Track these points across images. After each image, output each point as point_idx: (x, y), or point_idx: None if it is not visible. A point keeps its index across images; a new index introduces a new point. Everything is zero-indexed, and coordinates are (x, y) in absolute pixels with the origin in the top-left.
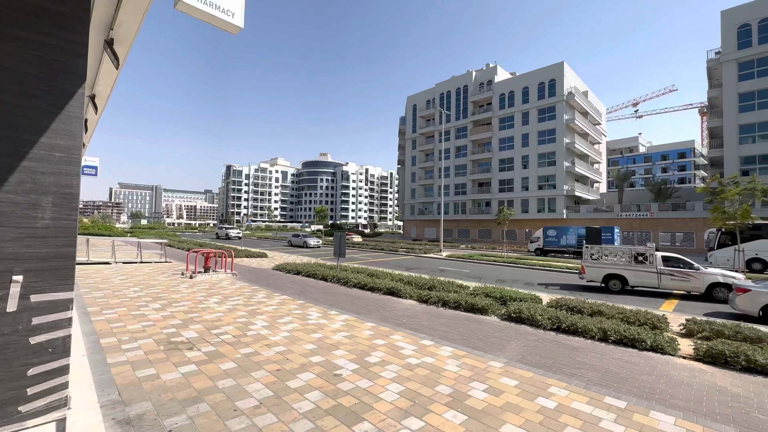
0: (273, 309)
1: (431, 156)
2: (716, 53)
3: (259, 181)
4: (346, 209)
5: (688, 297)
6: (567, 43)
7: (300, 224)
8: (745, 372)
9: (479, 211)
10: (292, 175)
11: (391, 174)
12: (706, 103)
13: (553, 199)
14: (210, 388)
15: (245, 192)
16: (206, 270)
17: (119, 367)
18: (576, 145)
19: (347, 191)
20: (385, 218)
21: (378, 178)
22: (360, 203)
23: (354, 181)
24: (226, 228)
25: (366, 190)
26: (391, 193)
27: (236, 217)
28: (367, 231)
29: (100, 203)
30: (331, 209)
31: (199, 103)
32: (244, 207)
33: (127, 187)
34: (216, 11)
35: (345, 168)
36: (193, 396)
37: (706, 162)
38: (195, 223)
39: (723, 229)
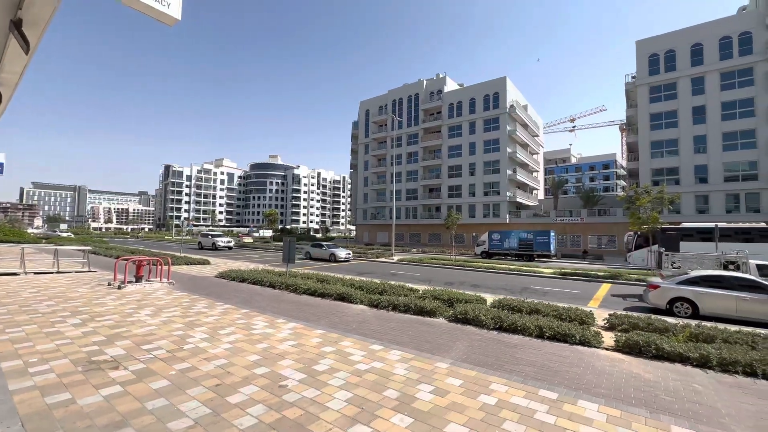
0: (214, 320)
1: (384, 161)
2: (632, 77)
3: (203, 183)
4: (297, 213)
5: (614, 291)
6: (510, 57)
7: (248, 229)
8: (655, 359)
9: (430, 215)
10: (239, 177)
11: (344, 178)
12: (625, 121)
13: (497, 205)
14: (137, 410)
15: (186, 194)
16: (138, 279)
17: (24, 393)
18: (517, 155)
19: (298, 195)
20: (338, 222)
21: (330, 182)
22: (312, 207)
23: (306, 185)
24: (212, 236)
25: (318, 194)
26: (343, 197)
27: (175, 221)
28: (318, 236)
29: (8, 205)
30: (282, 213)
31: (134, 98)
32: (185, 210)
33: (43, 187)
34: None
35: (296, 171)
36: (116, 421)
37: (625, 173)
38: (127, 228)
39: (639, 233)
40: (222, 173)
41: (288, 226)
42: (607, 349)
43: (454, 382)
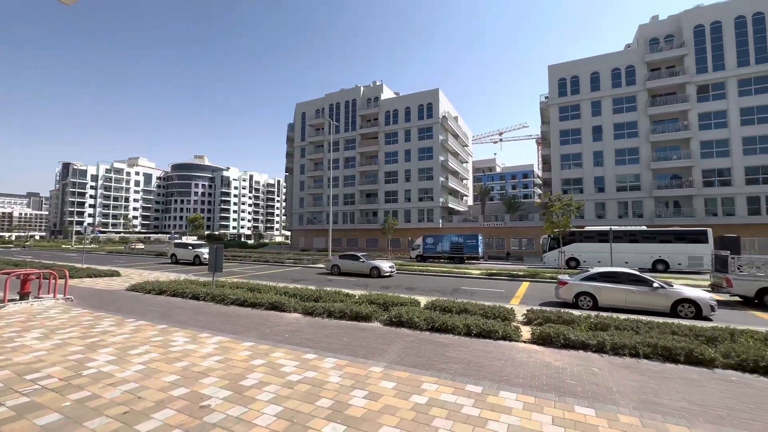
0: (124, 338)
1: (320, 165)
2: (545, 97)
3: (113, 185)
4: (227, 219)
5: (532, 289)
6: (443, 72)
7: (168, 235)
8: (564, 348)
9: (367, 220)
10: (159, 178)
11: (279, 182)
12: (540, 136)
13: (431, 210)
14: None
15: (91, 197)
16: (23, 297)
17: None
18: (449, 163)
19: (228, 199)
20: (272, 228)
21: (264, 186)
22: (243, 212)
23: (237, 188)
24: (194, 246)
25: (251, 198)
26: (278, 201)
27: (77, 228)
28: (250, 242)
29: None
30: (209, 219)
31: (28, 88)
32: (89, 215)
33: None
34: None
35: (226, 173)
36: None
37: (541, 182)
38: (10, 236)
39: (551, 236)
40: (137, 173)
41: (216, 232)
42: (525, 342)
43: (388, 385)
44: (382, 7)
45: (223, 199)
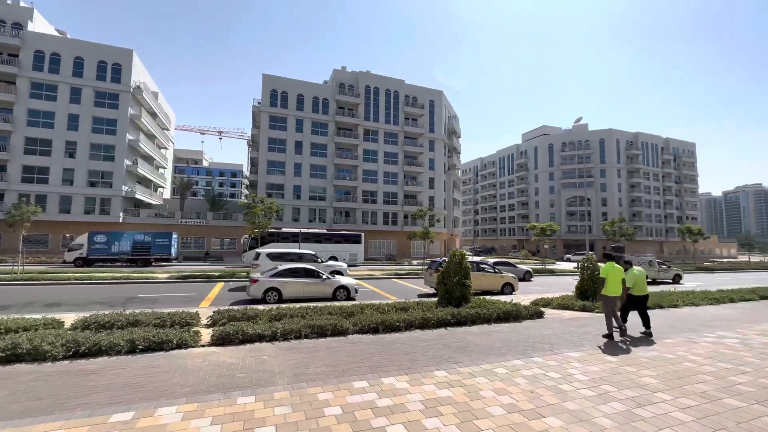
0: None
1: None
2: (258, 103)
3: None
4: None
5: (227, 289)
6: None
7: None
8: (242, 343)
9: None
10: None
11: None
12: (251, 138)
13: (108, 200)
14: None
15: None
16: None
17: None
18: (141, 145)
19: None
20: None
21: None
22: None
23: None
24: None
25: None
26: None
27: None
28: None
29: None
30: None
31: None
32: None
33: None
34: None
35: None
36: None
37: (248, 183)
38: None
39: (252, 236)
40: None
41: None
42: (204, 345)
43: None
44: None
45: None
